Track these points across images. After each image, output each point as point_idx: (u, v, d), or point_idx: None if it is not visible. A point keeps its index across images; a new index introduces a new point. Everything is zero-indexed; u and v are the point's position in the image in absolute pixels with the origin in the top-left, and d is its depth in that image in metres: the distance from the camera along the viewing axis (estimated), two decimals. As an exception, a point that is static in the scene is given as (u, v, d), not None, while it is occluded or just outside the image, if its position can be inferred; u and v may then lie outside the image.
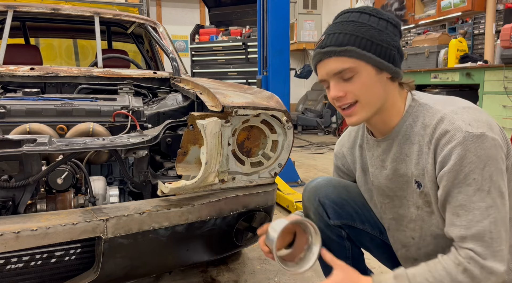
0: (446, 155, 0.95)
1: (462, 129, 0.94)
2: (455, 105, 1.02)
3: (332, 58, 1.01)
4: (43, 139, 1.34)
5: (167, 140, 1.73)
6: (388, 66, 1.01)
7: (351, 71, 1.00)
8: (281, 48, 3.71)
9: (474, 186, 0.93)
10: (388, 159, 1.14)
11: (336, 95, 1.03)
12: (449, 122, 0.97)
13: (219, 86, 1.90)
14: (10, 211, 1.35)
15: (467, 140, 0.93)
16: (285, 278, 2.05)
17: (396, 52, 1.02)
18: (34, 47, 3.34)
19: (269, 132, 1.63)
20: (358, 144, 1.29)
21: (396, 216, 1.20)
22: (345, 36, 1.00)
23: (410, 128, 1.07)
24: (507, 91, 4.02)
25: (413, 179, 1.08)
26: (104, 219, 1.30)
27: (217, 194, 1.53)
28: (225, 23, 7.57)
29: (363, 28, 1.00)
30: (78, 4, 5.51)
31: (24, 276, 1.28)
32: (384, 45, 1.00)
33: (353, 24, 1.00)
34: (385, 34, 1.01)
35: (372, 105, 1.04)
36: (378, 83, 1.02)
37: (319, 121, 7.32)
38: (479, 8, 4.94)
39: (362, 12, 1.02)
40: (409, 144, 1.08)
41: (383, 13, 1.03)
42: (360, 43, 0.99)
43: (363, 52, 0.99)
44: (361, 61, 0.99)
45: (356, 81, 1.01)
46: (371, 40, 0.99)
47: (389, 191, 1.18)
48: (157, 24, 3.02)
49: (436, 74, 4.94)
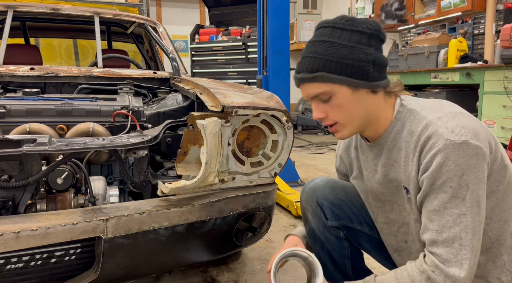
0: (428, 162, 0.97)
1: (443, 137, 0.95)
2: (442, 111, 1.02)
3: (306, 84, 1.05)
4: (43, 139, 1.34)
5: (167, 140, 1.73)
6: (363, 84, 1.01)
7: (326, 94, 1.03)
8: (281, 48, 3.71)
9: (450, 193, 0.94)
10: (379, 164, 1.15)
11: (318, 116, 1.07)
12: (433, 129, 0.97)
13: (219, 86, 1.90)
14: (10, 211, 1.35)
15: (448, 148, 0.93)
16: (285, 278, 2.05)
17: (371, 66, 1.00)
18: (34, 47, 3.34)
19: (269, 132, 1.63)
20: (354, 146, 1.30)
21: (387, 220, 1.21)
22: (315, 60, 1.01)
23: (398, 134, 1.08)
24: (507, 91, 4.02)
25: (402, 185, 1.10)
26: (104, 219, 1.30)
27: (217, 194, 1.53)
28: (225, 23, 7.57)
29: (333, 49, 1.00)
30: (78, 4, 5.50)
31: (24, 276, 1.28)
32: (355, 63, 0.99)
33: (323, 45, 1.01)
34: (357, 49, 0.99)
35: (352, 122, 1.07)
36: (356, 101, 1.03)
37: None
38: (479, 8, 4.94)
39: (333, 27, 1.02)
40: (397, 150, 1.09)
41: (356, 23, 1.01)
42: (330, 68, 1.00)
43: (333, 76, 1.00)
44: (334, 84, 1.01)
45: (333, 103, 1.04)
46: (341, 62, 0.99)
47: (381, 196, 1.19)
48: (157, 24, 3.02)
49: (436, 74, 4.94)
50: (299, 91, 1.10)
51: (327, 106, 1.05)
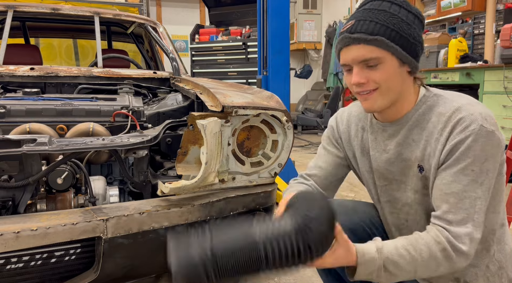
0: (458, 143, 0.99)
1: (478, 122, 0.98)
2: (470, 99, 1.07)
3: (360, 45, 1.02)
4: (43, 139, 1.34)
5: (167, 140, 1.73)
6: (411, 61, 1.04)
7: (377, 60, 1.02)
8: (281, 48, 3.71)
9: (471, 177, 0.98)
10: (392, 144, 1.16)
11: (359, 81, 1.05)
12: (467, 113, 1.00)
13: (219, 86, 1.90)
14: (10, 211, 1.35)
15: (480, 133, 0.97)
16: (285, 278, 2.05)
17: (420, 47, 1.05)
18: (34, 47, 3.34)
19: (269, 132, 1.63)
20: (361, 126, 1.27)
21: (391, 198, 1.21)
22: (376, 25, 1.01)
23: (423, 115, 1.09)
24: (507, 91, 4.02)
25: (416, 163, 1.10)
26: (104, 219, 1.30)
27: (217, 194, 1.53)
28: (225, 23, 7.57)
29: (394, 19, 1.01)
30: (78, 4, 5.50)
31: (24, 276, 1.28)
32: (411, 39, 1.02)
33: (384, 13, 1.02)
34: (412, 28, 1.03)
35: (390, 94, 1.06)
36: (399, 75, 1.05)
37: (319, 121, 7.32)
38: (479, 8, 4.94)
39: (393, 3, 1.04)
40: (419, 130, 1.10)
41: (411, 6, 1.05)
42: (390, 35, 1.00)
43: (391, 43, 1.00)
44: (388, 52, 1.01)
45: (380, 70, 1.03)
46: (400, 33, 1.01)
47: (389, 174, 1.19)
48: (157, 24, 3.02)
49: (436, 74, 4.94)
50: (299, 91, 1.09)
51: (370, 73, 1.04)
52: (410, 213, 1.17)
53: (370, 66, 1.03)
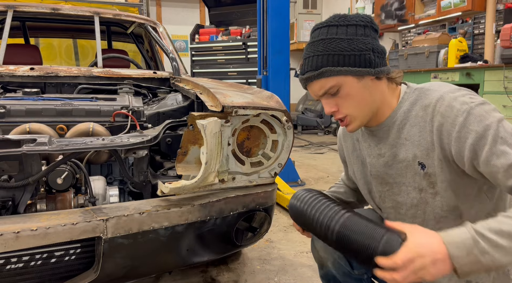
0: (462, 129, 0.97)
1: (466, 102, 0.98)
2: (450, 86, 1.08)
3: (313, 82, 1.08)
4: (43, 139, 1.34)
5: (167, 140, 1.72)
6: (366, 71, 1.05)
7: (334, 87, 1.06)
8: (281, 48, 3.71)
9: (506, 144, 0.92)
10: (386, 147, 1.16)
11: (330, 110, 1.10)
12: (451, 98, 1.01)
13: (219, 86, 1.90)
14: (10, 211, 1.35)
15: (475, 108, 0.97)
16: (285, 278, 2.05)
17: (371, 53, 1.04)
18: (34, 47, 3.34)
19: (269, 132, 1.63)
20: (355, 138, 1.29)
21: (395, 204, 1.20)
22: (317, 58, 1.05)
23: (408, 112, 1.10)
24: (507, 91, 4.02)
25: (415, 161, 1.09)
26: (104, 219, 1.30)
27: (217, 194, 1.53)
28: (225, 23, 7.57)
29: (332, 44, 1.04)
30: (78, 4, 5.50)
31: (24, 276, 1.28)
32: (356, 53, 1.03)
33: (322, 43, 1.05)
34: (355, 41, 1.04)
35: (362, 113, 1.09)
36: (364, 89, 1.07)
37: (319, 121, 7.32)
38: (479, 8, 4.94)
39: (329, 26, 1.06)
40: (409, 127, 1.10)
41: (349, 18, 1.06)
42: (333, 61, 1.04)
43: (337, 68, 1.03)
44: (340, 76, 1.04)
45: (344, 94, 1.06)
46: (342, 54, 1.03)
47: (389, 178, 1.18)
48: (157, 24, 3.02)
49: (436, 74, 4.94)
50: (299, 91, 1.12)
51: (337, 99, 1.08)
52: (417, 215, 1.14)
53: (333, 94, 1.07)
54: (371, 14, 6.78)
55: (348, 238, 0.99)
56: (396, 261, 0.84)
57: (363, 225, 0.98)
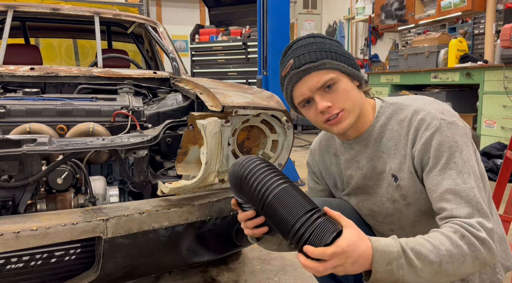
0: (426, 141, 1.01)
1: (437, 117, 1.01)
2: (423, 99, 1.11)
3: (312, 74, 1.05)
4: (43, 139, 1.34)
5: (167, 140, 1.73)
6: (358, 74, 1.09)
7: (332, 80, 1.05)
8: (281, 48, 3.70)
9: (456, 170, 0.98)
10: (364, 159, 1.17)
11: (325, 105, 1.06)
12: (424, 112, 1.04)
13: (219, 86, 1.90)
14: (10, 211, 1.35)
15: (443, 126, 1.00)
16: (285, 277, 2.05)
17: (355, 61, 1.11)
18: (34, 47, 3.34)
19: (269, 132, 1.63)
20: (332, 153, 1.30)
21: (371, 213, 1.22)
22: (316, 53, 1.06)
23: (384, 126, 1.13)
24: (507, 91, 4.02)
25: (389, 173, 1.12)
26: (104, 219, 1.30)
27: (217, 194, 1.53)
28: (225, 23, 7.57)
29: (327, 45, 1.08)
30: (78, 4, 5.50)
31: (24, 276, 1.28)
32: (347, 56, 1.09)
33: (315, 44, 1.08)
34: (341, 49, 1.11)
35: (355, 110, 1.10)
36: (355, 90, 1.09)
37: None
38: (479, 8, 4.94)
39: (314, 37, 1.11)
40: (385, 141, 1.12)
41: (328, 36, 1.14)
42: (332, 56, 1.06)
43: (337, 62, 1.06)
44: (337, 71, 1.06)
45: (339, 89, 1.06)
46: (338, 53, 1.07)
47: (368, 188, 1.20)
48: (157, 24, 3.02)
49: (436, 74, 4.94)
50: (299, 91, 1.09)
51: (332, 95, 1.06)
52: (393, 222, 1.17)
53: (328, 87, 1.06)
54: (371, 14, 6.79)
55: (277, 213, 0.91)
56: (326, 253, 0.83)
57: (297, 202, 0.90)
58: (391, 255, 0.87)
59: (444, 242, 0.90)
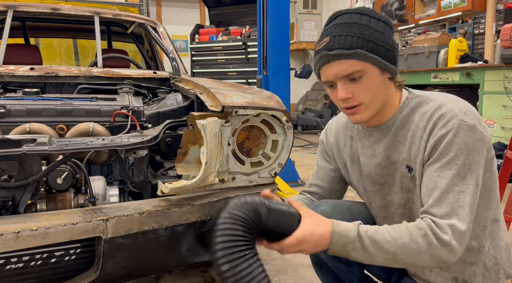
0: (440, 138, 1.01)
1: (458, 116, 1.00)
2: (451, 97, 1.09)
3: (340, 61, 1.02)
4: (43, 139, 1.34)
5: (167, 140, 1.73)
6: (391, 67, 1.05)
7: (359, 72, 1.03)
8: (281, 48, 3.71)
9: (454, 171, 0.99)
10: (380, 148, 1.17)
11: (345, 96, 1.05)
12: (447, 108, 1.03)
13: (219, 86, 1.90)
14: (10, 211, 1.35)
15: (461, 127, 0.99)
16: (285, 278, 2.05)
17: (395, 52, 1.07)
18: (34, 47, 3.34)
19: (269, 132, 1.63)
20: (348, 135, 1.29)
21: (385, 203, 1.22)
22: (352, 38, 1.01)
23: (407, 117, 1.11)
24: (507, 91, 4.02)
25: (404, 164, 1.12)
26: (104, 219, 1.30)
27: (217, 194, 1.53)
28: (225, 23, 7.57)
29: (368, 30, 1.02)
30: (78, 4, 5.50)
31: (24, 276, 1.28)
32: (386, 47, 1.03)
33: (357, 26, 1.02)
34: (386, 36, 1.04)
35: (375, 105, 1.08)
36: (382, 83, 1.06)
37: (319, 121, 7.32)
38: (479, 8, 4.94)
39: (362, 14, 1.04)
40: (404, 131, 1.11)
41: (378, 14, 1.07)
42: (367, 46, 1.01)
43: (370, 54, 1.01)
44: (368, 63, 1.02)
45: (363, 82, 1.04)
46: (377, 43, 1.02)
47: (380, 178, 1.20)
48: (157, 24, 3.02)
49: (436, 74, 4.94)
50: (299, 91, 1.10)
51: (354, 86, 1.04)
52: (405, 214, 1.17)
53: (352, 79, 1.04)
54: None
55: None
56: (284, 246, 0.99)
57: None
58: (348, 239, 0.99)
59: (404, 235, 0.98)
